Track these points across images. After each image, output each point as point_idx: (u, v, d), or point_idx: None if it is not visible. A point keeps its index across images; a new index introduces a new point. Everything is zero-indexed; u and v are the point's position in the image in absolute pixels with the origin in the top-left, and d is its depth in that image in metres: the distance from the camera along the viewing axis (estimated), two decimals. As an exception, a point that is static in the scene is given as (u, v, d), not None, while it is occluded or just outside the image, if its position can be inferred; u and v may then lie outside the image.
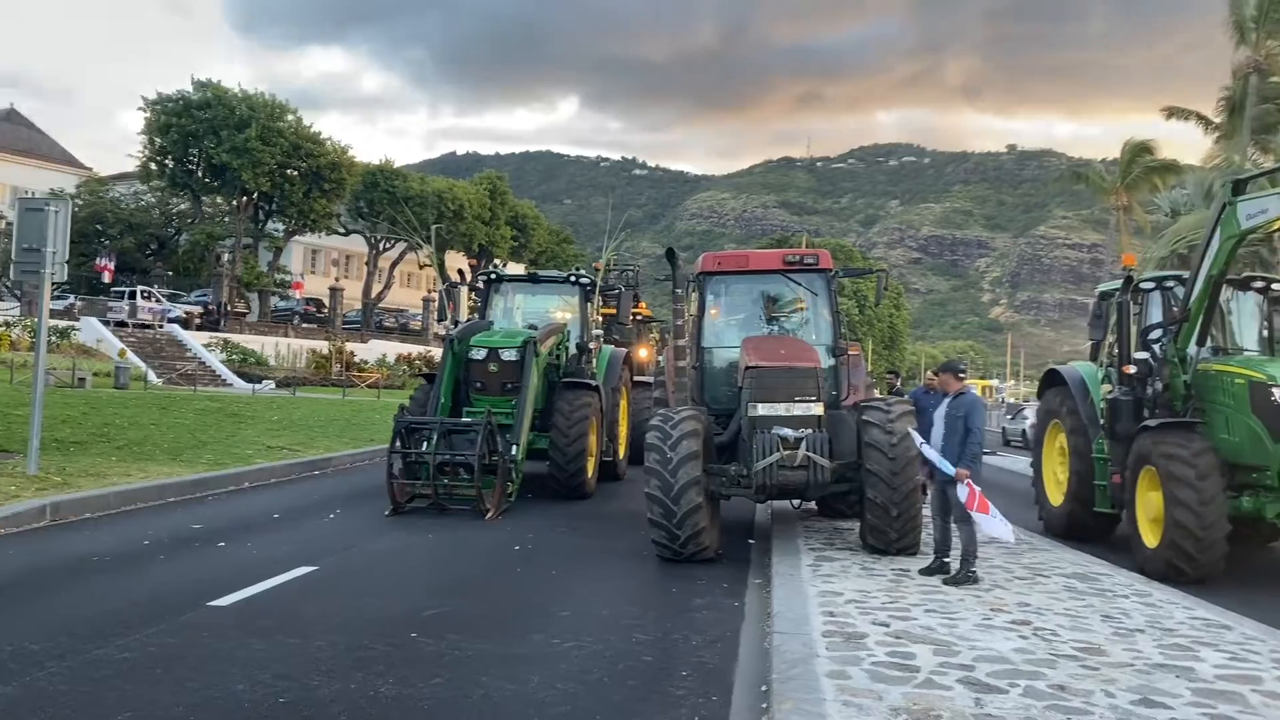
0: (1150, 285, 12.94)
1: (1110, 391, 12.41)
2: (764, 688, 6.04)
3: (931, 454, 9.37)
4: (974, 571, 9.19)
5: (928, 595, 8.49)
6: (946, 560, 9.50)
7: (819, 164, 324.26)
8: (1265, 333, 12.36)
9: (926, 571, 9.45)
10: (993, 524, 8.97)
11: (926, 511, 10.49)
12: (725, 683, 6.32)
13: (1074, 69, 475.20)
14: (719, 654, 7.00)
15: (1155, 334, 12.09)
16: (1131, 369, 11.74)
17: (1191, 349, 11.41)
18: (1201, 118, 39.12)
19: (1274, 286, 12.47)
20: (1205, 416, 11.04)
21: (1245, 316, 12.52)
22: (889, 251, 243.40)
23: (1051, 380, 14.37)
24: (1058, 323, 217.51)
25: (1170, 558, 10.17)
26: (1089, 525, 12.98)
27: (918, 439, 9.64)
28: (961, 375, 9.95)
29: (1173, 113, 40.49)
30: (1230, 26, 35.39)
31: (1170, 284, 12.67)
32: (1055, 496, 13.80)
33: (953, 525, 9.52)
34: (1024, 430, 39.12)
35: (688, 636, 7.47)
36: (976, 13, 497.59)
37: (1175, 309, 11.84)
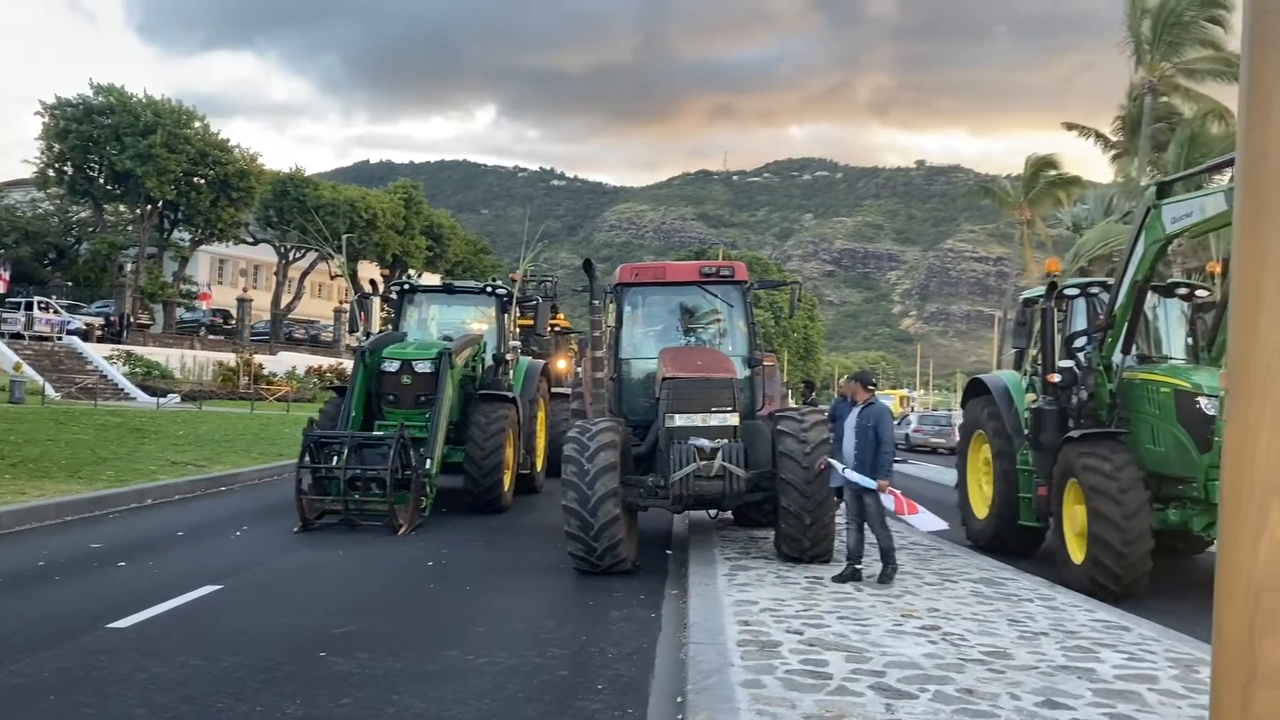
0: (1074, 291, 12.47)
1: (1034, 401, 11.94)
2: (679, 699, 6.04)
3: (854, 476, 9.61)
4: (893, 569, 9.67)
5: (840, 602, 8.60)
6: (859, 567, 9.68)
7: (735, 177, 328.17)
8: (1190, 340, 11.96)
9: (840, 578, 9.60)
10: (925, 519, 9.70)
11: (840, 520, 10.65)
12: (641, 695, 6.30)
13: (978, 87, 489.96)
14: (635, 666, 6.98)
15: (1080, 341, 11.71)
16: (1056, 378, 11.23)
17: (1116, 357, 11.08)
18: (1100, 136, 40.63)
19: (1198, 293, 12.13)
20: (1131, 426, 10.73)
21: (1171, 323, 12.16)
22: (804, 264, 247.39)
23: (975, 390, 13.87)
24: (965, 333, 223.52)
25: (1094, 574, 9.87)
26: (1014, 539, 12.59)
27: (839, 466, 9.79)
28: (871, 386, 10.14)
29: (1073, 127, 41.94)
30: (1128, 48, 36.79)
31: (1095, 290, 12.32)
32: (980, 509, 13.42)
33: (868, 531, 9.80)
34: (906, 435, 40.52)
35: (604, 649, 7.43)
36: (883, 32, 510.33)
37: (1100, 316, 11.53)
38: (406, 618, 8.40)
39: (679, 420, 10.65)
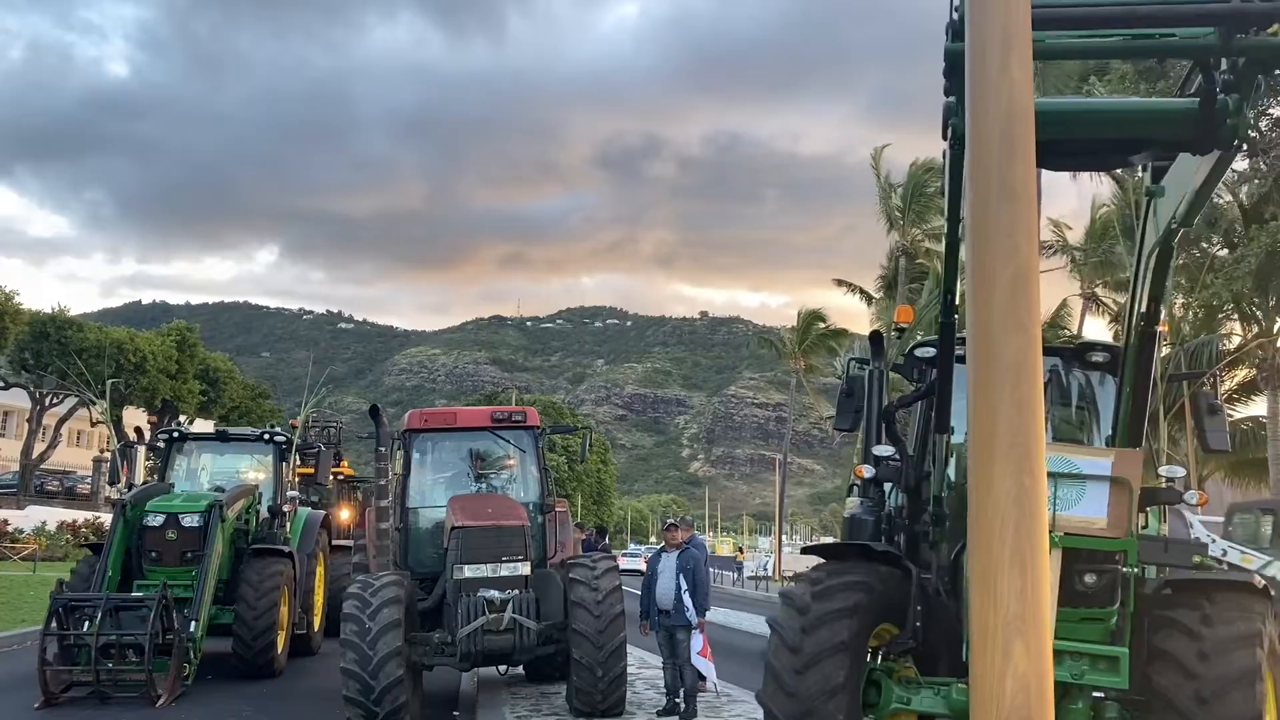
0: (930, 353, 7.79)
1: (853, 507, 8.35)
2: None
3: (689, 600, 10.32)
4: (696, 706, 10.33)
5: (633, 756, 8.44)
6: (677, 700, 10.32)
7: (529, 323, 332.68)
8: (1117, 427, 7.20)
9: (663, 713, 10.38)
10: (710, 670, 10.45)
11: (631, 670, 10.62)
12: None
13: (755, 244, 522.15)
14: (418, 840, 6.55)
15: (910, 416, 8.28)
16: (865, 471, 7.78)
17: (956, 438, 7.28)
18: (864, 292, 44.18)
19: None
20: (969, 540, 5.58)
21: (1099, 401, 7.76)
22: (596, 408, 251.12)
23: None
24: (749, 476, 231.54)
25: None
26: None
27: (683, 584, 10.47)
28: (675, 527, 11.37)
29: (842, 284, 45.61)
30: (882, 216, 40.87)
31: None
32: None
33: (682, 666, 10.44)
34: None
35: (384, 824, 6.94)
36: (664, 192, 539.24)
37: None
38: (161, 803, 7.59)
39: (468, 571, 10.39)
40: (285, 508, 16.09)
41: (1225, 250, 25.51)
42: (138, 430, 20.81)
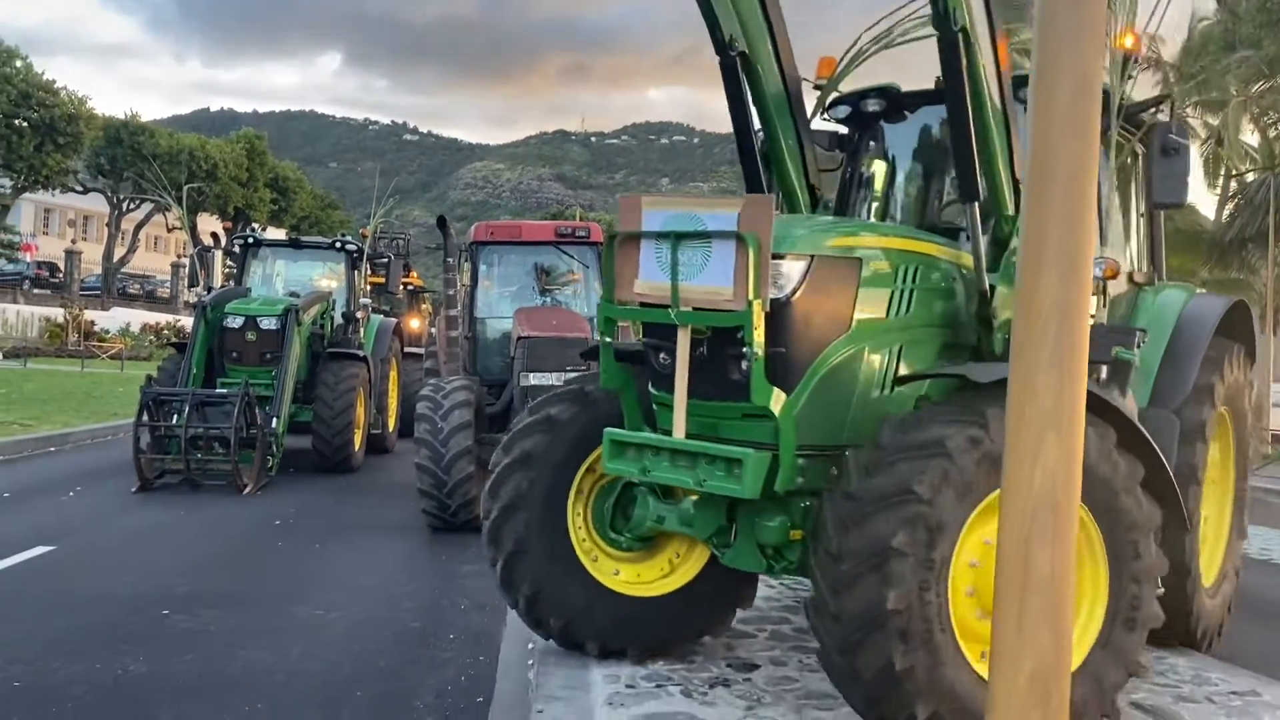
0: (875, 105, 6.71)
1: None
2: (530, 645, 6.21)
3: None
4: None
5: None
6: None
7: (593, 139, 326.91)
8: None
9: None
10: None
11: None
12: (493, 644, 6.45)
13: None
14: (487, 617, 7.11)
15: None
16: None
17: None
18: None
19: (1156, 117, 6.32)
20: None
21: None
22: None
23: None
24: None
25: None
26: None
27: None
28: None
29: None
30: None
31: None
32: None
33: None
34: None
35: (456, 601, 7.54)
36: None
37: None
38: (254, 576, 8.30)
39: (534, 379, 10.77)
40: (358, 315, 16.61)
41: None
42: (214, 236, 21.38)
